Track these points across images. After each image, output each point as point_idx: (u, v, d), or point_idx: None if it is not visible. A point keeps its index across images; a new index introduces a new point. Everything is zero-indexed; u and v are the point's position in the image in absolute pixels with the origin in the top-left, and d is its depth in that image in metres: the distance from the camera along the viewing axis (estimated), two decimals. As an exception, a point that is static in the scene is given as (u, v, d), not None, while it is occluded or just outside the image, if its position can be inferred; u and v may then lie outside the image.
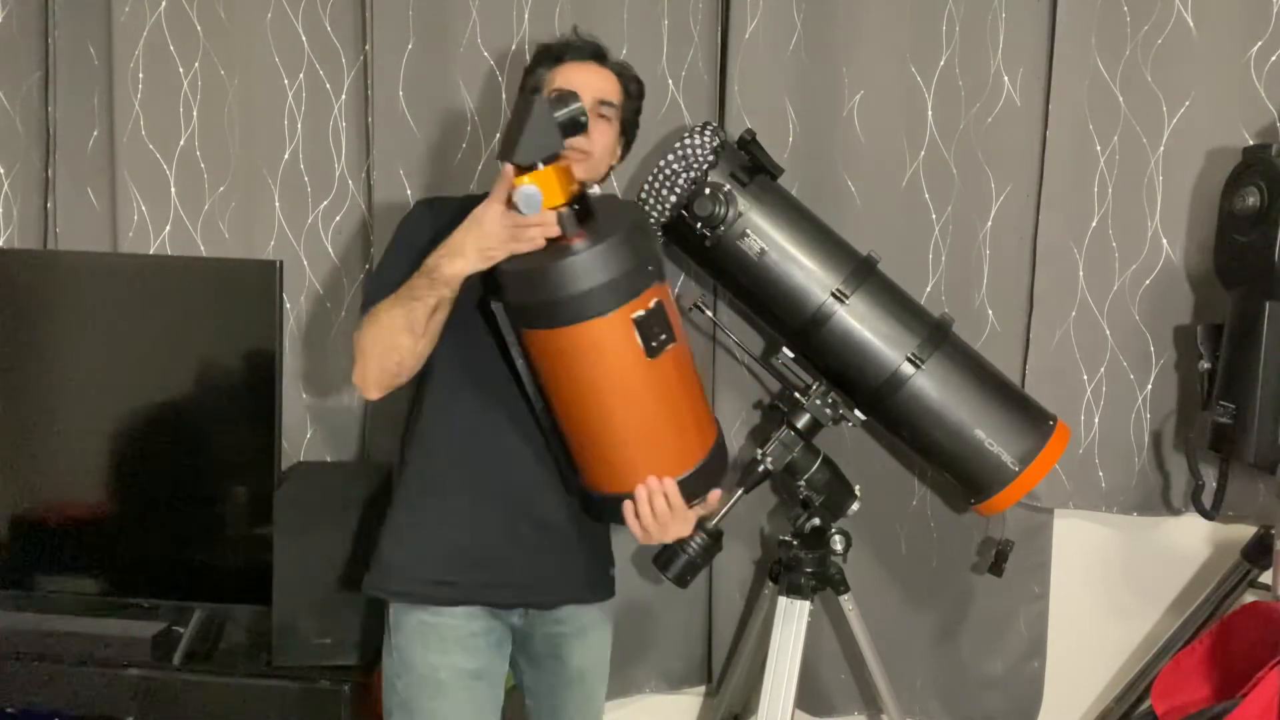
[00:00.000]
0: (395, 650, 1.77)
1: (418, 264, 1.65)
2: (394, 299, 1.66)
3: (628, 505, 1.66)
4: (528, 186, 1.49)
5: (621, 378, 1.59)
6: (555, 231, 1.53)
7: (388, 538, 1.80)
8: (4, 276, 2.21)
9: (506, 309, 1.62)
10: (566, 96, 1.57)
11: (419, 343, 1.66)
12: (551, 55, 1.86)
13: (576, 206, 1.54)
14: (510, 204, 1.52)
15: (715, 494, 1.74)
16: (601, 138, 1.82)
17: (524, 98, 1.60)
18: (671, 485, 1.65)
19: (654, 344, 1.57)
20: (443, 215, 1.76)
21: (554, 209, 1.52)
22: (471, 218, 1.58)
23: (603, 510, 1.74)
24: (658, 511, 1.65)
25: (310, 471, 2.28)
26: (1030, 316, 2.25)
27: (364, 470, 2.27)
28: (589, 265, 1.52)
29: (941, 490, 2.32)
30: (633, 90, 1.91)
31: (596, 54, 1.87)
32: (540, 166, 1.51)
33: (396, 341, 1.66)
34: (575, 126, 1.56)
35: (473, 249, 1.57)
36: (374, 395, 1.73)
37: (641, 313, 1.55)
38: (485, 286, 1.65)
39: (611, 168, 1.91)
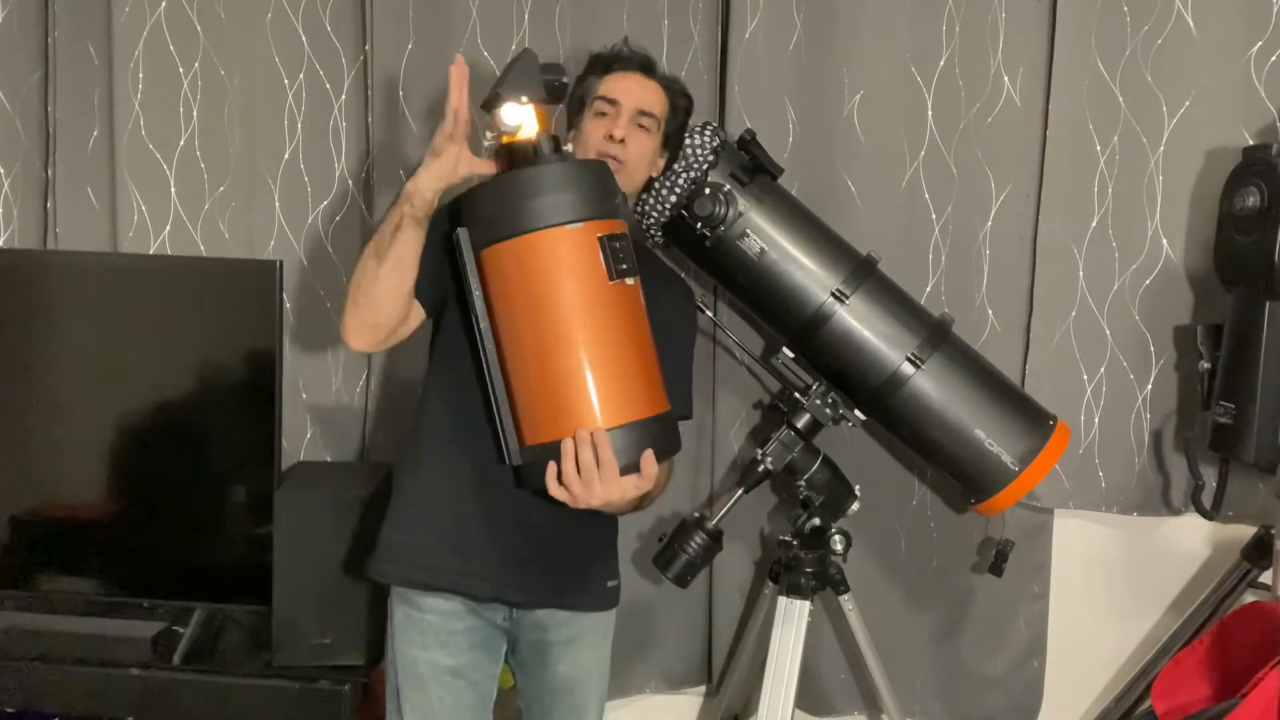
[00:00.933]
0: (389, 639, 1.81)
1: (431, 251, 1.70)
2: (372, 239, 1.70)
3: (551, 464, 1.55)
4: (512, 104, 1.58)
5: (578, 295, 1.54)
6: (464, 118, 1.62)
7: (384, 523, 1.81)
8: (4, 276, 2.21)
9: (472, 229, 1.60)
10: (553, 67, 1.63)
11: (383, 267, 1.65)
12: (601, 65, 1.88)
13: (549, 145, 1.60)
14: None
15: (651, 468, 1.56)
16: (637, 146, 1.81)
17: (519, 52, 1.66)
18: (602, 438, 1.52)
19: (618, 268, 1.55)
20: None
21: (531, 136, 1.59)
22: None
23: (533, 467, 1.60)
24: (583, 465, 1.52)
25: (310, 471, 2.28)
26: (1030, 316, 2.25)
27: (364, 470, 2.27)
28: (560, 174, 1.57)
29: (941, 490, 2.32)
30: (680, 105, 1.90)
31: (644, 65, 1.87)
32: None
33: (367, 268, 1.67)
34: (551, 90, 1.61)
35: (424, 163, 1.64)
36: (354, 342, 1.72)
37: (607, 234, 1.56)
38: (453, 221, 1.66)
39: (652, 179, 1.91)
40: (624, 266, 1.57)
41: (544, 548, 1.78)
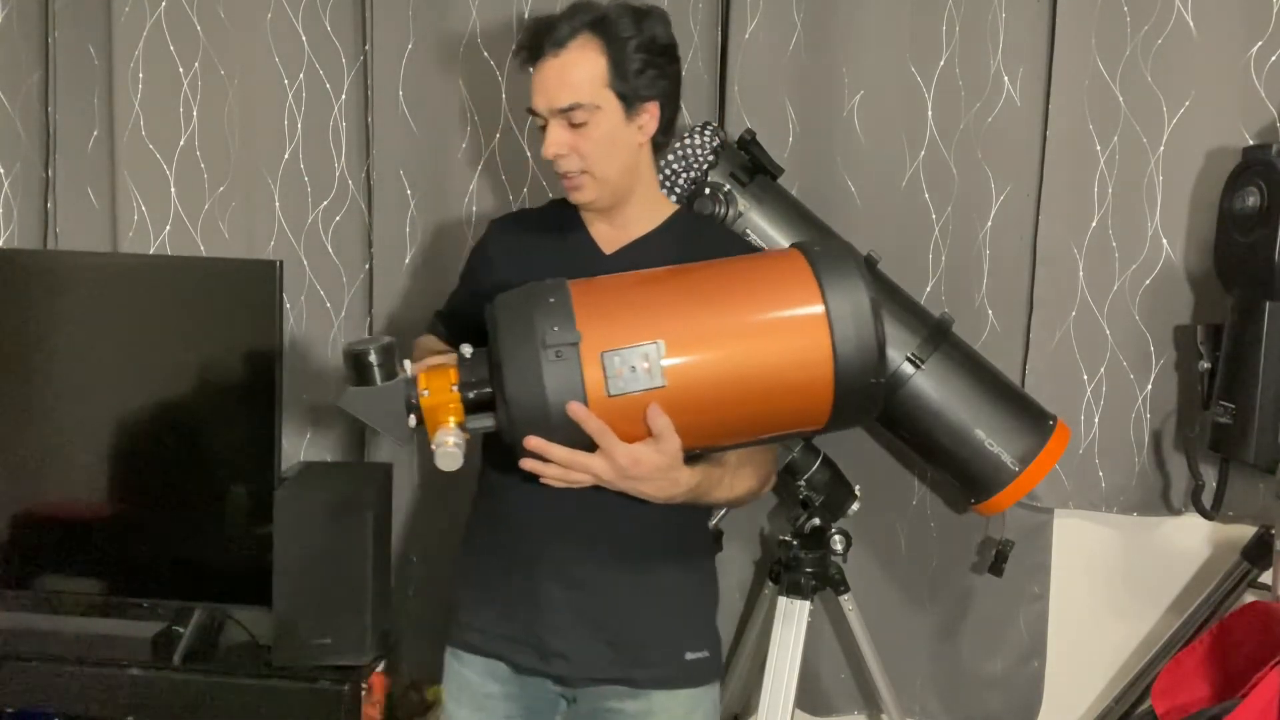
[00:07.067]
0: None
1: (475, 290, 1.67)
2: None
3: None
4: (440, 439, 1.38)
5: None
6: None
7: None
8: (4, 276, 2.21)
9: None
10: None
11: None
12: (519, 60, 1.60)
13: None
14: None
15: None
16: (587, 146, 1.55)
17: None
18: None
19: None
20: (510, 230, 1.76)
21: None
22: None
23: None
24: None
25: (310, 471, 2.28)
26: (1030, 316, 2.25)
27: (364, 470, 2.27)
28: None
29: (941, 490, 2.32)
30: (617, 33, 1.52)
31: (555, 41, 1.53)
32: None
33: None
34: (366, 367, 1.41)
35: None
36: None
37: None
38: None
39: (656, 142, 1.63)
40: None
41: (598, 611, 1.59)
